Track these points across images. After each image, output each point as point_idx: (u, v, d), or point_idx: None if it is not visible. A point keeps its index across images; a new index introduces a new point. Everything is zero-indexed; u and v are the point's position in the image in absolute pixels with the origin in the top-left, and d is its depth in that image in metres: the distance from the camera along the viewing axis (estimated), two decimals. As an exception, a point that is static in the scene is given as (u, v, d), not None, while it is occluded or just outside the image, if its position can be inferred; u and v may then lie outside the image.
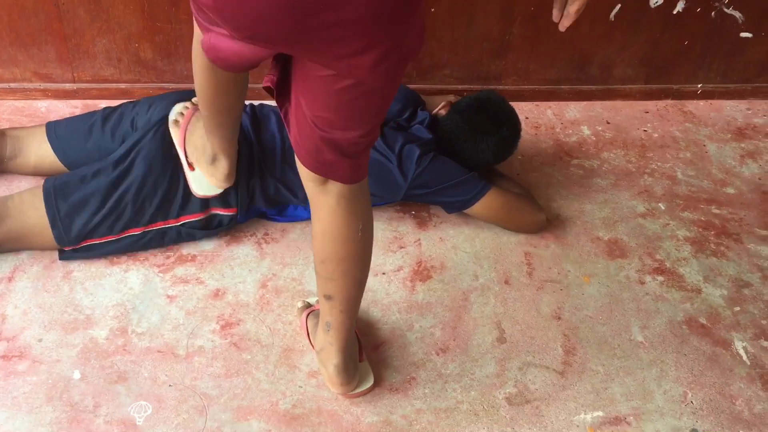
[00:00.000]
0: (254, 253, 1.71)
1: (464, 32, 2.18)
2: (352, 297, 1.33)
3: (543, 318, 1.63)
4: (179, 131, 1.65)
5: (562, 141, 2.19)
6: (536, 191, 1.98)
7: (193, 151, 1.62)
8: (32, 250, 1.63)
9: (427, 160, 1.72)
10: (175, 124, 1.66)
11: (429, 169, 1.73)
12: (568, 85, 2.35)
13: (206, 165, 1.60)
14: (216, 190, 1.64)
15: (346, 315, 1.34)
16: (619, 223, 1.91)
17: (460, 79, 2.28)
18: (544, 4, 2.15)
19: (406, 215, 1.86)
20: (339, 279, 1.30)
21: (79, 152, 1.75)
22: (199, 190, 1.63)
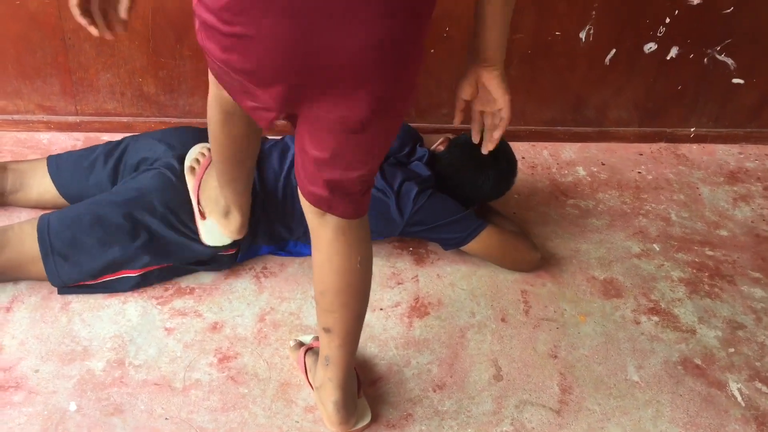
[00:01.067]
0: (253, 286, 1.72)
1: (461, 73, 2.22)
2: (351, 330, 1.34)
3: (539, 356, 1.64)
4: (194, 180, 1.66)
5: (558, 181, 2.22)
6: (532, 230, 2.00)
7: (207, 202, 1.63)
8: (31, 281, 1.63)
9: (424, 198, 1.74)
10: (191, 171, 1.67)
11: (426, 207, 1.75)
12: (564, 127, 2.39)
13: (219, 217, 1.61)
14: (226, 240, 1.65)
15: (345, 350, 1.34)
16: (614, 263, 1.93)
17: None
18: (540, 47, 2.20)
19: (404, 251, 1.88)
20: (338, 311, 1.31)
21: (81, 187, 1.76)
22: (210, 240, 1.64)
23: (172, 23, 1.97)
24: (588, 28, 2.17)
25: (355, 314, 1.33)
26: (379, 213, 1.73)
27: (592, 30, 2.18)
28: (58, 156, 1.81)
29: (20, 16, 1.93)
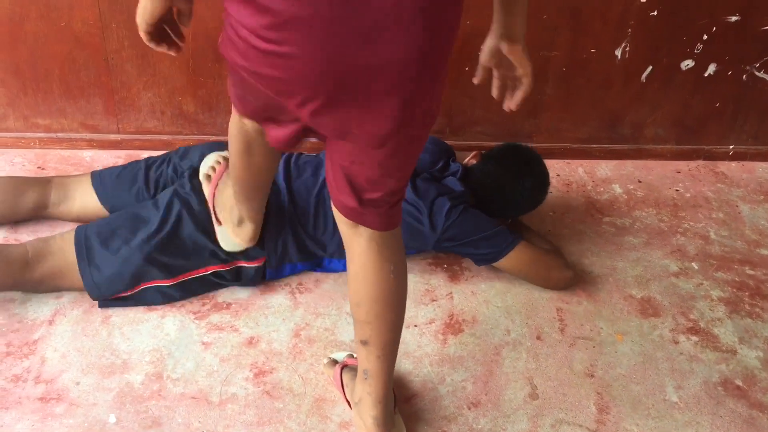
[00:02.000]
0: (288, 302, 1.74)
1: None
2: (388, 341, 1.34)
3: (576, 375, 1.62)
4: (210, 187, 1.69)
5: (593, 199, 2.21)
6: (567, 247, 1.99)
7: (221, 210, 1.66)
8: (72, 294, 1.67)
9: (456, 213, 1.75)
10: (207, 178, 1.71)
11: (458, 222, 1.75)
12: (599, 144, 2.37)
13: (232, 225, 1.64)
14: (240, 246, 1.67)
15: (383, 361, 1.35)
16: (651, 282, 1.90)
17: (493, 136, 2.32)
18: (575, 65, 2.19)
19: (438, 268, 1.88)
20: (373, 321, 1.31)
21: (123, 199, 1.81)
22: (225, 245, 1.67)
23: (211, 44, 2.01)
24: (624, 46, 2.17)
25: (391, 325, 1.33)
26: (411, 228, 1.74)
27: (628, 47, 2.17)
28: (101, 171, 1.87)
29: (65, 37, 1.99)
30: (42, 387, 1.48)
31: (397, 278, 1.30)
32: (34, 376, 1.50)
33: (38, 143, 2.17)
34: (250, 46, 1.02)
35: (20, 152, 2.14)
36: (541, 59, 2.17)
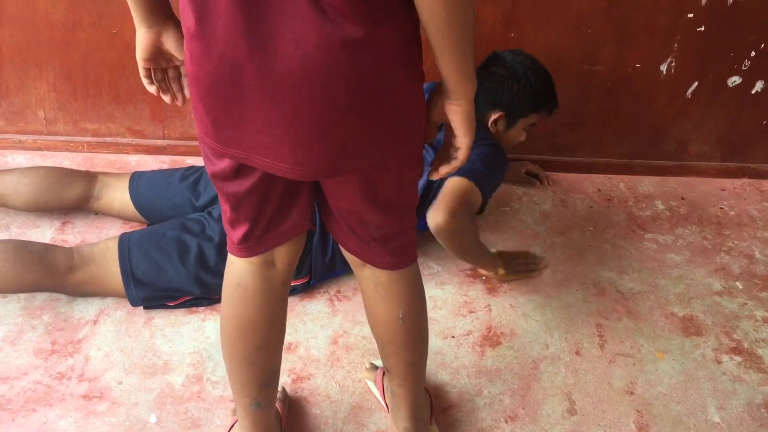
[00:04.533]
0: (326, 309, 1.75)
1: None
2: (407, 375, 1.32)
3: (615, 392, 1.60)
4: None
5: (635, 214, 2.18)
6: (608, 263, 1.97)
7: None
8: (117, 297, 1.70)
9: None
10: None
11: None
12: (642, 160, 2.35)
13: None
14: None
15: (405, 389, 1.34)
16: (694, 300, 1.87)
17: (535, 150, 2.31)
18: (619, 79, 2.18)
19: (476, 280, 1.87)
20: (390, 357, 1.31)
21: (155, 206, 1.86)
22: None
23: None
24: (669, 61, 2.15)
25: (406, 362, 1.31)
26: None
27: (673, 62, 2.15)
28: (141, 174, 1.91)
29: (116, 44, 2.04)
30: (85, 385, 1.51)
31: (408, 323, 1.24)
32: (78, 374, 1.53)
33: (86, 147, 2.22)
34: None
35: (69, 155, 2.20)
36: (583, 73, 2.16)
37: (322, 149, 0.97)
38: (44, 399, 1.47)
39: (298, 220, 1.15)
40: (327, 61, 0.88)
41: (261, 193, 1.08)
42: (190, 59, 0.96)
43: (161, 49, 1.10)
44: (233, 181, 1.07)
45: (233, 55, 0.90)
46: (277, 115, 0.93)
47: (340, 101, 0.92)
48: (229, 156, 1.02)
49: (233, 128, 0.98)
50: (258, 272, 1.18)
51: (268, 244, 1.16)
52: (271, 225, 1.14)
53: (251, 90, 0.92)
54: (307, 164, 0.98)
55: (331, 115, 0.93)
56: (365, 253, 1.19)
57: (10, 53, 2.11)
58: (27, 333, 1.61)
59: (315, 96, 0.91)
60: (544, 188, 2.26)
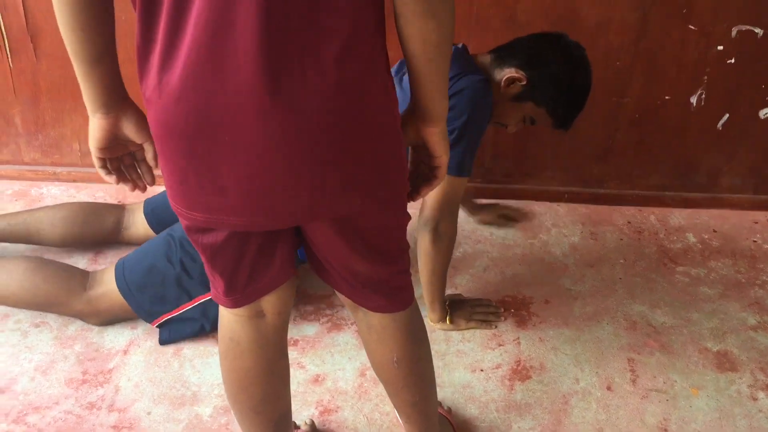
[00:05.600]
0: (354, 341, 1.74)
1: (567, 136, 2.21)
2: (410, 414, 1.30)
3: (648, 428, 1.57)
4: None
5: (666, 247, 2.16)
6: (640, 296, 1.94)
7: None
8: (147, 324, 1.72)
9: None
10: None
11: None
12: (673, 192, 2.33)
13: None
14: None
15: (413, 426, 1.32)
16: (728, 335, 1.84)
17: (562, 181, 2.30)
18: (648, 111, 2.17)
19: (505, 312, 1.86)
20: (391, 396, 1.29)
21: (166, 223, 1.88)
22: None
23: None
24: (699, 93, 2.13)
25: (407, 402, 1.28)
26: None
27: (703, 95, 2.14)
28: (152, 198, 1.94)
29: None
30: (115, 415, 1.52)
31: (403, 368, 1.21)
32: (108, 404, 1.54)
33: (119, 179, 2.25)
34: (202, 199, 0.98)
35: (103, 187, 2.24)
36: (612, 105, 2.16)
37: (297, 199, 0.94)
38: (75, 429, 1.48)
39: (281, 268, 1.11)
40: (307, 106, 0.87)
41: (236, 246, 1.04)
42: (151, 106, 0.92)
43: (118, 135, 1.05)
44: (205, 234, 1.03)
45: (203, 105, 0.87)
46: (250, 168, 0.91)
47: (318, 146, 0.90)
48: (188, 219, 1.00)
49: (193, 188, 0.95)
50: (248, 324, 1.15)
51: (253, 295, 1.12)
52: (252, 276, 1.10)
53: (221, 141, 0.89)
54: (279, 215, 0.96)
55: (305, 159, 0.91)
56: (357, 297, 1.16)
57: (47, 87, 2.16)
58: (59, 363, 1.63)
59: (294, 145, 0.89)
60: (573, 221, 2.25)
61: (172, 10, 0.84)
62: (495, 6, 2.02)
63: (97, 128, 1.04)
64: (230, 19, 0.82)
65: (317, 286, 1.89)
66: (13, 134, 2.27)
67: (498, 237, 2.16)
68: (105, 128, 1.03)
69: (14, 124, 2.25)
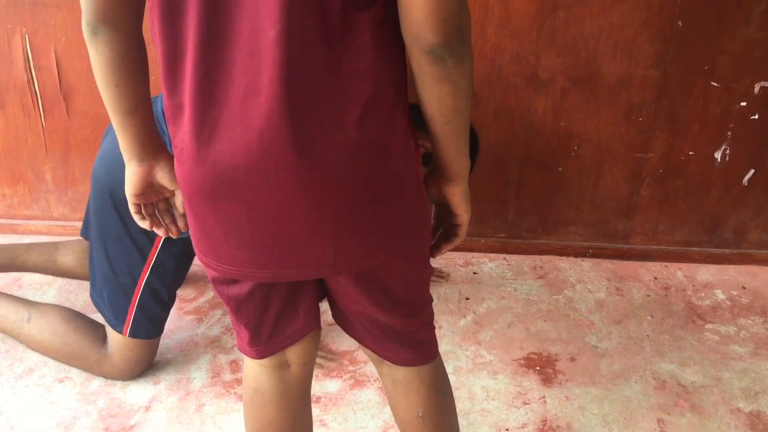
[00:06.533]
0: (377, 398, 1.72)
1: (591, 191, 2.22)
2: None
3: (680, 493, 1.52)
4: None
5: (694, 304, 2.12)
6: (668, 354, 1.90)
7: None
8: (169, 380, 1.71)
9: None
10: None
11: None
12: (699, 248, 2.30)
13: None
14: None
15: None
16: (761, 395, 1.79)
17: (586, 237, 2.29)
18: (672, 167, 2.17)
19: (530, 370, 1.83)
20: None
21: None
22: None
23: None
24: (724, 149, 2.13)
25: None
26: None
27: (728, 150, 2.13)
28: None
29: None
30: (135, 473, 1.51)
31: (430, 421, 1.19)
32: (129, 461, 1.53)
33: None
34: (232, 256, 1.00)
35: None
36: (635, 161, 2.16)
37: (319, 254, 0.96)
38: (94, 486, 1.47)
39: (306, 319, 1.13)
40: (330, 165, 0.89)
41: (261, 298, 1.07)
42: (180, 165, 0.95)
43: (152, 182, 1.09)
44: (230, 286, 1.06)
45: (229, 166, 0.90)
46: (275, 226, 0.93)
47: (340, 203, 0.92)
48: (216, 270, 1.02)
49: (220, 241, 0.97)
50: (273, 375, 1.17)
51: (277, 346, 1.14)
52: (276, 328, 1.11)
53: (246, 200, 0.91)
54: (303, 268, 0.98)
55: (329, 216, 0.93)
56: (381, 350, 1.16)
57: (77, 144, 2.22)
58: (81, 419, 1.63)
59: (318, 201, 0.91)
60: (598, 276, 2.22)
61: (199, 75, 0.88)
62: (516, 63, 2.04)
63: (132, 175, 1.08)
64: (257, 87, 0.85)
65: (340, 341, 1.88)
66: (44, 190, 2.32)
67: (522, 293, 2.14)
68: (140, 175, 1.07)
69: (45, 181, 2.30)
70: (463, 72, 0.89)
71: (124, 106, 1.00)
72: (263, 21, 0.83)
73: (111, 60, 0.96)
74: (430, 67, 0.87)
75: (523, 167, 2.20)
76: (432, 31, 0.83)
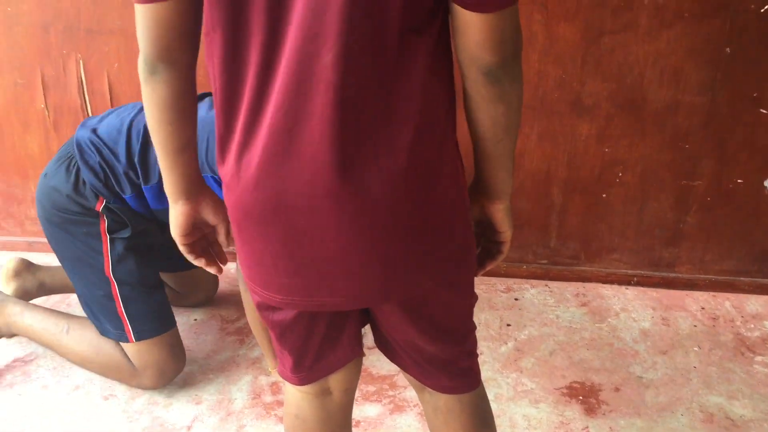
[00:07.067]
0: (417, 423, 1.71)
1: (636, 218, 2.19)
2: None
3: None
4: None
5: (743, 335, 2.07)
6: (716, 387, 1.85)
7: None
8: (211, 400, 1.73)
9: None
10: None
11: None
12: (749, 278, 2.25)
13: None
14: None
15: None
16: (814, 431, 1.73)
17: (631, 264, 2.26)
18: (720, 195, 2.13)
19: (573, 399, 1.80)
20: None
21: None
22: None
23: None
24: (773, 176, 2.09)
25: None
26: None
27: (778, 178, 2.09)
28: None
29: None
30: (176, 492, 1.52)
31: None
32: (170, 481, 1.54)
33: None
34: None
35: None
36: (682, 188, 2.12)
37: (368, 281, 0.96)
38: (136, 504, 1.49)
39: (349, 346, 1.13)
40: (381, 191, 0.89)
41: (306, 324, 1.07)
42: (230, 192, 0.95)
43: (198, 219, 1.09)
44: (276, 312, 1.06)
45: (279, 191, 0.90)
46: (323, 253, 0.93)
47: (390, 230, 0.92)
48: (263, 298, 1.02)
49: (269, 268, 0.97)
50: (314, 402, 1.17)
51: (320, 373, 1.14)
52: (320, 354, 1.11)
53: (295, 226, 0.92)
54: (350, 296, 0.98)
55: (377, 244, 0.93)
56: (423, 377, 1.15)
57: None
58: (124, 436, 1.65)
59: (367, 228, 0.91)
60: (643, 305, 2.18)
61: (253, 102, 0.89)
62: (560, 89, 2.04)
63: (179, 214, 1.08)
64: (308, 110, 0.86)
65: (380, 366, 1.88)
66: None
67: (564, 320, 2.12)
68: (187, 213, 1.08)
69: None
70: (517, 91, 0.91)
71: (177, 144, 1.01)
72: (321, 46, 0.83)
73: (167, 99, 0.96)
74: (486, 87, 0.88)
75: (566, 193, 2.18)
76: (489, 52, 0.85)
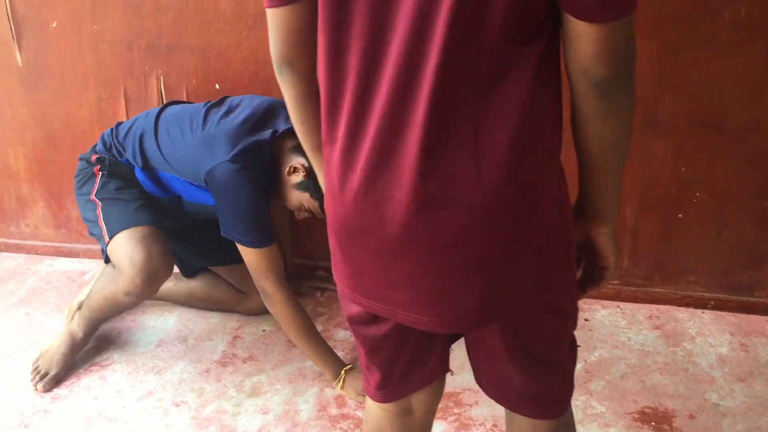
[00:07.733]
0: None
1: (713, 239, 2.12)
2: None
3: None
4: None
5: (830, 365, 1.97)
6: (799, 418, 1.77)
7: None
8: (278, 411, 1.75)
9: None
10: None
11: None
12: (837, 305, 2.14)
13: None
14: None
15: None
16: None
17: (707, 287, 2.18)
18: (805, 217, 2.04)
19: (645, 425, 1.74)
20: None
21: None
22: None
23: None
24: None
25: None
26: None
27: None
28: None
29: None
30: (243, 500, 1.54)
31: None
32: (237, 489, 1.57)
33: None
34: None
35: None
36: (762, 210, 2.04)
37: (466, 301, 0.94)
38: None
39: (436, 366, 1.12)
40: (482, 211, 0.88)
41: (397, 340, 1.06)
42: (331, 200, 0.97)
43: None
44: (369, 326, 1.06)
45: (377, 203, 0.91)
46: (420, 268, 0.92)
47: (487, 249, 0.90)
48: (363, 306, 1.02)
49: (369, 279, 0.97)
50: (396, 421, 1.16)
51: (405, 390, 1.13)
52: (407, 372, 1.11)
53: (396, 241, 0.91)
54: (447, 317, 0.96)
55: (474, 263, 0.91)
56: (507, 402, 1.13)
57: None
58: (194, 442, 1.69)
59: (465, 245, 0.90)
60: (720, 330, 2.10)
61: (355, 109, 0.90)
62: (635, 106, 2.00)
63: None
64: (410, 120, 0.86)
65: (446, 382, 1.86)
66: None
67: (637, 343, 2.06)
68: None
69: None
70: (628, 106, 0.87)
71: (312, 142, 1.06)
72: (422, 53, 0.83)
73: (294, 98, 1.02)
74: (596, 101, 0.85)
75: (640, 212, 2.13)
76: (602, 64, 0.81)
